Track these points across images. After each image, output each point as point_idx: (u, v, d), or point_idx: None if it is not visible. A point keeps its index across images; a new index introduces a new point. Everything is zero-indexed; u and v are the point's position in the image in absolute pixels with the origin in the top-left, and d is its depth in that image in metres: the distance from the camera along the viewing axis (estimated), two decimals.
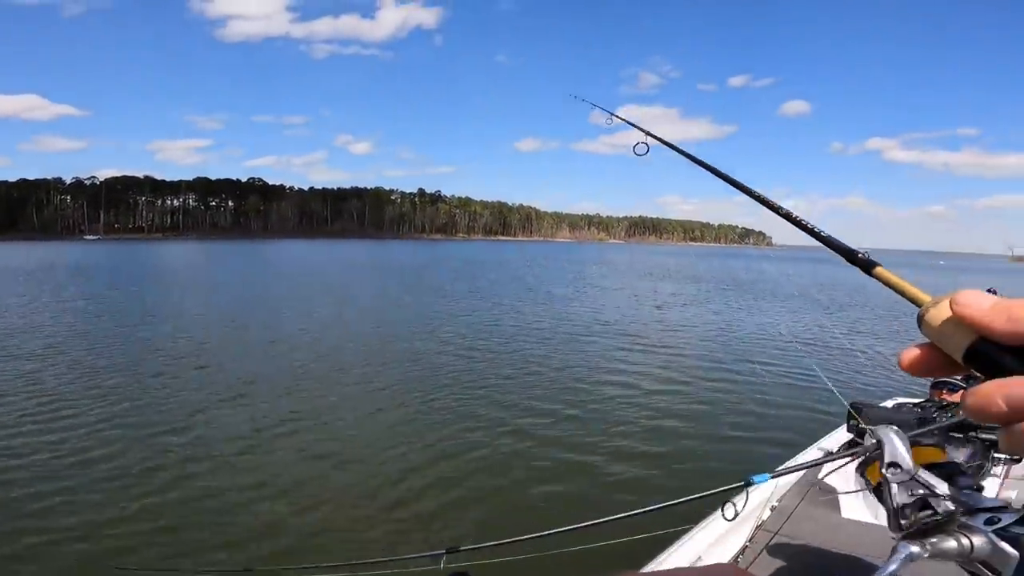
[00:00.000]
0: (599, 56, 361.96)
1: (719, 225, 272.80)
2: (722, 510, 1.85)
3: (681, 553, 2.30)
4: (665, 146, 0.98)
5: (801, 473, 3.04)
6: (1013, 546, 0.44)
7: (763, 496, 2.75)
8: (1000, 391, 0.28)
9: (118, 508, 4.75)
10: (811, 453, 3.47)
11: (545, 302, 21.25)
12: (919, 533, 0.50)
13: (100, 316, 15.55)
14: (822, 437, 3.80)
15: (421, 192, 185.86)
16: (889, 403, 4.07)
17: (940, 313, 0.33)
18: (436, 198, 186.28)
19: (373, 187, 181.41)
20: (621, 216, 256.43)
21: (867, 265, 0.44)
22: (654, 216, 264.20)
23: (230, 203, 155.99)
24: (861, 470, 0.57)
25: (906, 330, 16.91)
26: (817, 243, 0.55)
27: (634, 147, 1.05)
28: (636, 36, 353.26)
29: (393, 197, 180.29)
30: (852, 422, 3.22)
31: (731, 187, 0.77)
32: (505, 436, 6.70)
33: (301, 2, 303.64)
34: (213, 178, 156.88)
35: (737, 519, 2.08)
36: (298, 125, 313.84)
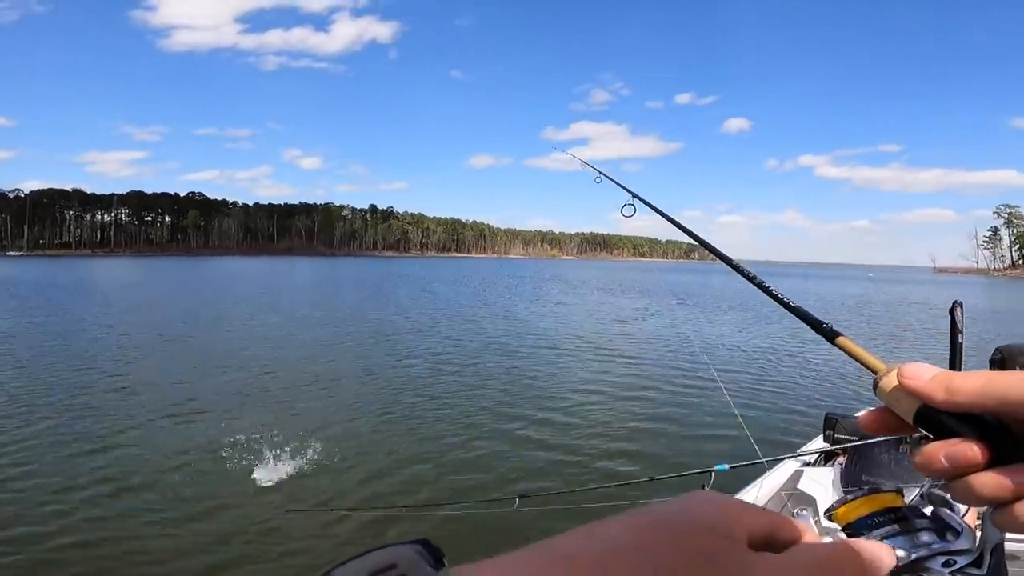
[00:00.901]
0: (553, 73, 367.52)
1: (666, 241, 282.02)
2: None
3: None
4: (651, 209, 1.05)
5: (782, 482, 3.19)
6: None
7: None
8: (942, 451, 0.32)
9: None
10: (789, 463, 3.53)
11: (536, 320, 20.95)
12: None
13: (12, 336, 14.10)
14: (800, 446, 3.89)
15: (373, 208, 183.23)
16: (860, 414, 4.17)
17: (891, 381, 0.36)
18: (388, 214, 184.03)
19: (323, 203, 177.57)
20: (573, 232, 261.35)
21: (831, 335, 0.47)
22: (605, 232, 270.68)
23: (167, 218, 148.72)
24: (828, 515, 0.52)
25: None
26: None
27: (622, 208, 1.14)
28: (589, 53, 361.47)
29: (344, 213, 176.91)
30: (828, 432, 3.29)
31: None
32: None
33: (251, 14, 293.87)
34: (148, 192, 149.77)
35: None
36: (243, 138, 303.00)
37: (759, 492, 2.98)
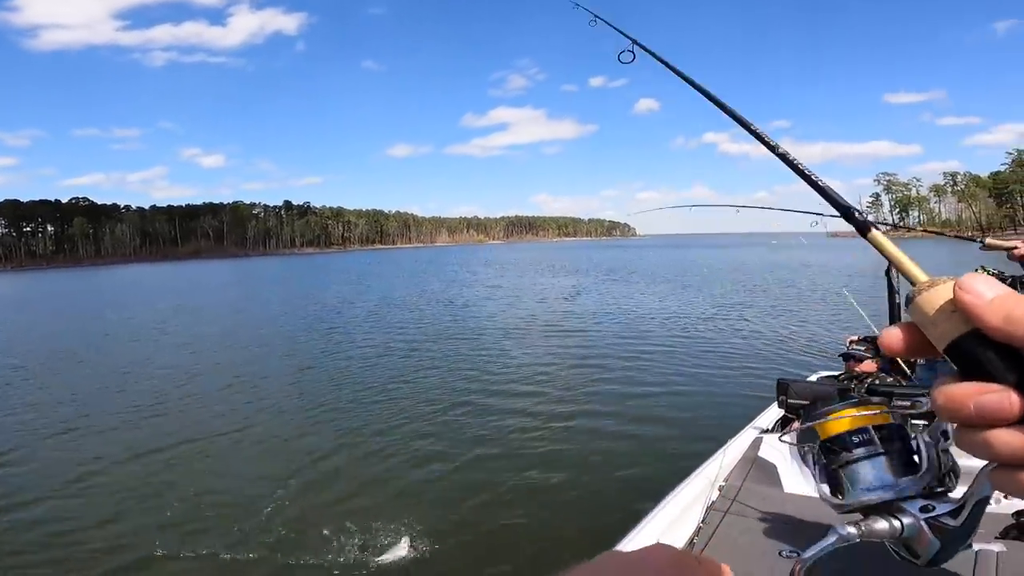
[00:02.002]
0: (470, 60, 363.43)
1: (589, 220, 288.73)
2: None
3: (638, 540, 2.36)
4: (652, 56, 0.93)
5: (743, 452, 3.27)
6: (938, 534, 0.47)
7: (710, 477, 2.85)
8: (974, 396, 0.28)
9: None
10: (748, 432, 3.60)
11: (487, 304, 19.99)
12: (857, 511, 0.52)
13: None
14: (757, 414, 3.92)
15: (288, 205, 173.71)
16: (813, 377, 4.30)
17: (935, 297, 0.32)
18: (305, 210, 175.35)
19: (231, 202, 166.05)
20: (498, 217, 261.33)
21: (863, 227, 0.42)
22: (529, 215, 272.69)
23: (49, 228, 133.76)
24: (811, 425, 0.53)
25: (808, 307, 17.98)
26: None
27: (619, 55, 1.02)
28: (504, 39, 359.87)
29: (255, 211, 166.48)
30: (781, 398, 3.31)
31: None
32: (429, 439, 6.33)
33: (132, 10, 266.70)
34: (25, 200, 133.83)
35: (689, 502, 2.56)
36: (132, 139, 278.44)
37: (721, 463, 3.02)
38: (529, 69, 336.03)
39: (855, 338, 3.92)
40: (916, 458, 0.50)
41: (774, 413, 3.78)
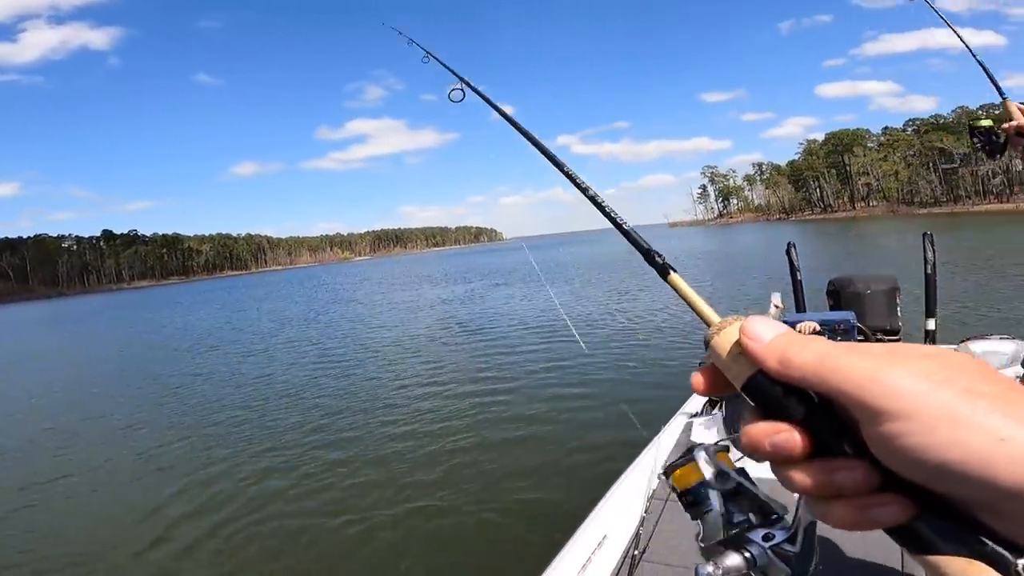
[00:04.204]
0: (323, 71, 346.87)
1: (456, 228, 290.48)
2: None
3: (588, 536, 2.41)
4: (479, 96, 0.95)
5: (676, 437, 3.37)
6: (784, 561, 0.49)
7: (648, 467, 2.88)
8: (767, 436, 0.30)
9: None
10: (679, 418, 3.71)
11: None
12: (719, 546, 0.55)
13: None
14: (686, 401, 3.97)
15: (108, 234, 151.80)
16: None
17: (724, 341, 0.33)
18: (133, 239, 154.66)
19: (33, 235, 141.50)
20: (364, 231, 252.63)
21: (663, 270, 0.42)
22: (396, 227, 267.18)
23: None
24: (667, 475, 0.57)
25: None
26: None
27: (449, 93, 1.03)
28: (358, 50, 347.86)
29: (66, 244, 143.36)
30: None
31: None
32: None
33: None
34: None
35: (631, 493, 2.72)
36: None
37: (657, 451, 3.03)
38: (387, 79, 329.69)
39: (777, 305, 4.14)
40: (755, 491, 0.53)
41: (701, 398, 3.79)
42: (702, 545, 0.57)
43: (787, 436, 0.29)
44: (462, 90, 1.03)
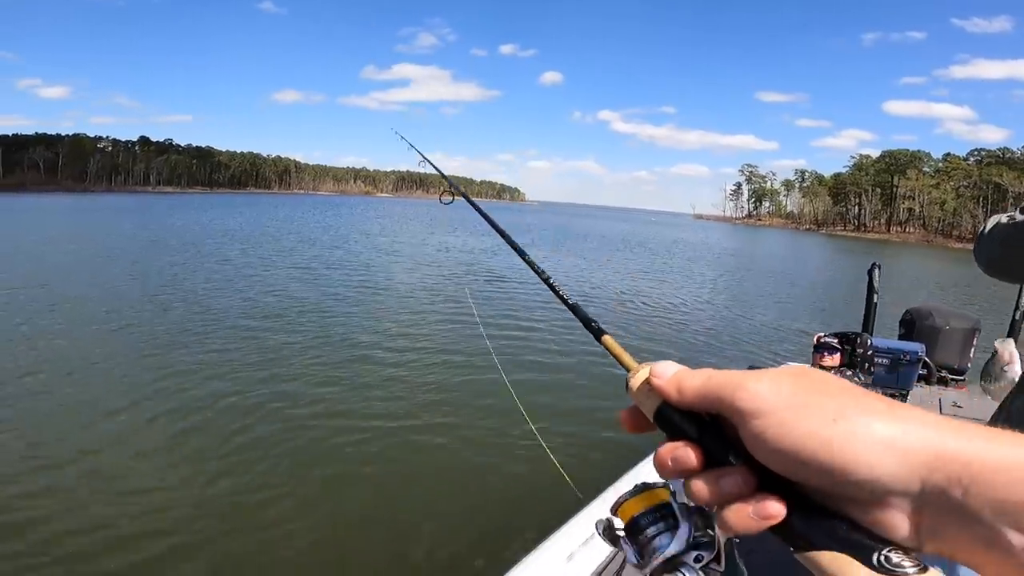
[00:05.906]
0: (382, 11, 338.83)
1: (480, 181, 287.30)
2: None
3: (555, 550, 2.30)
4: (471, 205, 0.98)
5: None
6: None
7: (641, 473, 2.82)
8: (669, 454, 0.35)
9: None
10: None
11: None
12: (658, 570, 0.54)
13: None
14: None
15: (144, 140, 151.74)
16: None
17: (638, 382, 0.39)
18: (167, 147, 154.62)
19: (71, 134, 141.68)
20: (389, 170, 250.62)
21: (597, 333, 0.48)
22: (421, 171, 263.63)
23: None
24: (614, 509, 0.49)
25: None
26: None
27: (440, 196, 1.13)
28: None
29: (102, 145, 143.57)
30: None
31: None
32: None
33: None
34: None
35: (604, 504, 2.27)
36: None
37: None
38: (441, 28, 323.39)
39: (823, 334, 4.09)
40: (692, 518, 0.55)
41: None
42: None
43: (683, 452, 0.35)
44: (451, 194, 1.14)
